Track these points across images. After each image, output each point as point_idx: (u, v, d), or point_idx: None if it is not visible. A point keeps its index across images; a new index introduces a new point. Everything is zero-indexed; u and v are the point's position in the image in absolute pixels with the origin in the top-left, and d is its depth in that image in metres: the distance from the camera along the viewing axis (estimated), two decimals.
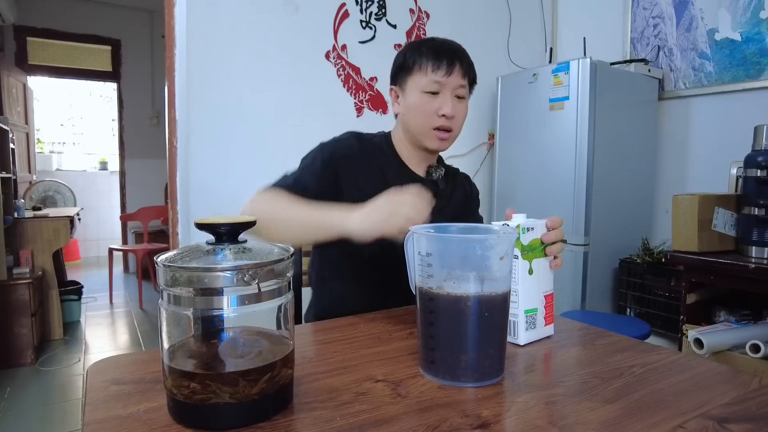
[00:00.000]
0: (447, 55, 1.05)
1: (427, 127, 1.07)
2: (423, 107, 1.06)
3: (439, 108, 1.05)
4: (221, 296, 0.53)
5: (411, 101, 1.08)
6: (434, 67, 1.04)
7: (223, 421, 0.53)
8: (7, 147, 3.24)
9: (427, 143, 1.10)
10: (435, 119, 1.06)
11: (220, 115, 2.11)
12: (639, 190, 2.50)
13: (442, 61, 1.04)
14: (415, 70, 1.06)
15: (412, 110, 1.08)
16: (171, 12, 2.01)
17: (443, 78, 1.04)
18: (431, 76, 1.04)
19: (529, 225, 0.83)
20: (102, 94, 6.49)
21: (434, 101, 1.05)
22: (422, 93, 1.06)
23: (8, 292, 2.70)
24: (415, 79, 1.06)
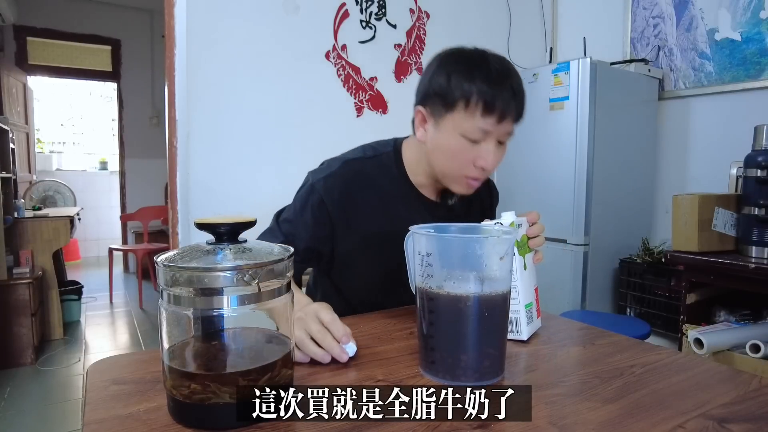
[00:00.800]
0: (504, 98, 0.85)
1: (459, 173, 0.91)
2: (458, 154, 0.89)
3: (478, 158, 0.88)
4: (221, 296, 0.53)
5: (445, 142, 0.89)
6: (484, 113, 0.84)
7: (223, 421, 0.53)
8: (7, 147, 3.24)
9: (453, 187, 0.95)
10: (470, 169, 0.90)
11: (220, 115, 2.11)
12: (639, 190, 2.50)
13: (495, 107, 0.84)
14: (458, 108, 0.86)
15: (444, 153, 0.91)
16: (171, 12, 2.01)
17: (492, 126, 0.86)
18: (478, 123, 0.85)
19: (519, 222, 0.84)
20: (102, 94, 6.49)
21: (473, 149, 0.88)
22: (461, 136, 0.87)
23: (8, 292, 2.70)
24: (457, 119, 0.86)
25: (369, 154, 1.02)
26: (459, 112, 0.86)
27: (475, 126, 0.85)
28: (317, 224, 0.97)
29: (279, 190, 2.23)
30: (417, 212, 1.01)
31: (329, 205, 0.96)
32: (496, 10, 2.87)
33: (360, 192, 0.98)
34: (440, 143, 0.90)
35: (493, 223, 0.80)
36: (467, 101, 0.85)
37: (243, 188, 2.16)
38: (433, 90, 0.89)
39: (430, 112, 0.91)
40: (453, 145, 0.88)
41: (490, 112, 0.84)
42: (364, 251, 1.01)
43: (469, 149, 0.88)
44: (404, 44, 2.55)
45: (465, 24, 2.74)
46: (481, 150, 0.88)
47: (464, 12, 2.74)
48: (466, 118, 0.86)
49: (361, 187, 0.98)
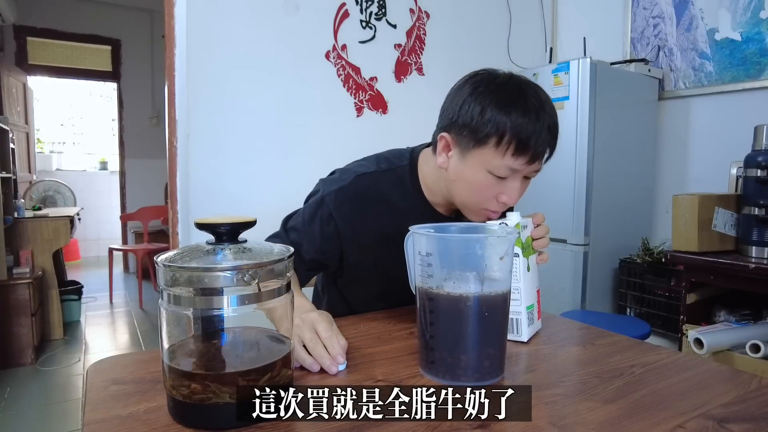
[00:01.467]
0: (538, 139, 0.79)
1: (478, 206, 0.88)
2: (482, 188, 0.84)
3: (501, 194, 0.84)
4: (221, 296, 0.53)
5: (470, 176, 0.84)
6: (516, 153, 0.79)
7: (223, 421, 0.53)
8: (7, 147, 3.24)
9: (471, 217, 0.91)
10: (492, 203, 0.86)
11: (220, 115, 2.11)
12: (639, 190, 2.50)
13: (530, 147, 0.79)
14: (489, 144, 0.80)
15: (467, 185, 0.86)
16: (171, 12, 2.01)
17: (522, 166, 0.81)
18: (508, 162, 0.80)
19: (524, 223, 0.84)
20: (102, 94, 6.49)
21: (498, 186, 0.84)
22: (487, 172, 0.82)
23: (8, 292, 2.70)
24: (486, 155, 0.81)
25: (383, 167, 0.97)
26: (489, 149, 0.80)
27: (505, 164, 0.81)
28: (324, 239, 0.94)
29: (279, 189, 2.24)
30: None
31: (338, 220, 0.93)
32: (496, 10, 2.87)
33: (371, 208, 0.94)
34: (464, 176, 0.85)
35: (497, 223, 0.80)
36: (500, 139, 0.79)
37: (243, 188, 2.15)
38: (462, 120, 0.82)
39: (456, 141, 0.85)
40: (478, 180, 0.84)
41: (522, 153, 0.80)
42: (373, 267, 0.98)
43: (493, 185, 0.84)
44: (404, 44, 2.55)
45: (465, 24, 2.74)
46: (506, 187, 0.84)
47: (464, 12, 2.74)
48: (495, 155, 0.80)
49: (372, 202, 0.94)
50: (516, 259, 0.81)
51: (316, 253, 0.95)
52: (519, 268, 0.81)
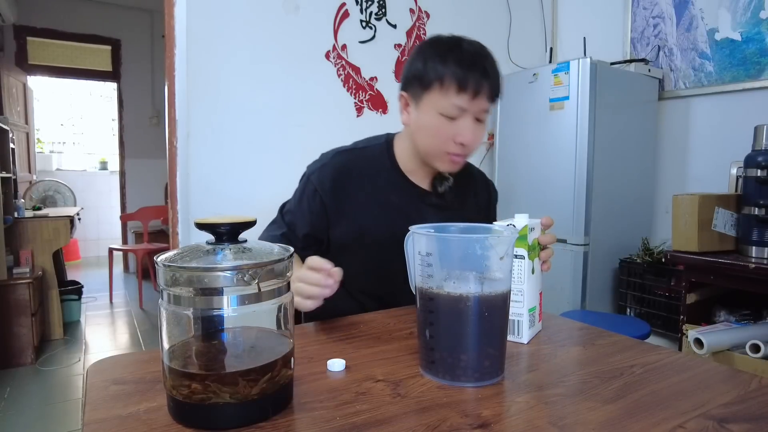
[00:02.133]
0: (475, 76, 0.90)
1: (440, 150, 0.96)
2: (438, 131, 0.94)
3: (457, 134, 0.93)
4: (221, 296, 0.53)
5: (425, 121, 0.95)
6: (458, 90, 0.90)
7: (223, 421, 0.53)
8: (7, 147, 3.24)
9: (438, 166, 1.00)
10: (450, 145, 0.95)
11: (220, 115, 2.11)
12: (639, 190, 2.50)
13: (468, 83, 0.90)
14: (434, 88, 0.92)
15: (425, 131, 0.96)
16: (171, 12, 2.01)
17: (467, 103, 0.91)
18: (453, 100, 0.91)
19: (532, 225, 0.84)
20: (102, 93, 6.49)
21: (452, 126, 0.93)
22: (439, 114, 0.92)
23: (8, 292, 2.70)
24: (433, 98, 0.93)
25: (361, 145, 1.09)
26: (435, 92, 0.92)
27: (451, 103, 0.91)
28: (312, 213, 1.03)
29: (279, 189, 2.23)
30: (409, 200, 1.05)
31: (322, 193, 1.02)
32: (496, 10, 2.87)
33: (352, 181, 1.03)
34: (421, 123, 0.96)
35: (505, 224, 0.80)
36: (442, 80, 0.91)
37: (243, 188, 2.15)
38: (411, 74, 0.96)
39: (410, 95, 0.98)
40: (433, 123, 0.94)
41: (463, 89, 0.90)
42: (358, 238, 1.04)
43: (447, 126, 0.93)
44: (404, 44, 2.55)
45: (465, 24, 2.74)
46: (459, 127, 0.93)
47: (464, 12, 2.74)
48: (442, 96, 0.92)
49: (353, 176, 1.03)
50: (521, 262, 0.81)
51: (308, 227, 1.04)
52: (524, 270, 0.81)
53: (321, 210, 1.03)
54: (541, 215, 0.91)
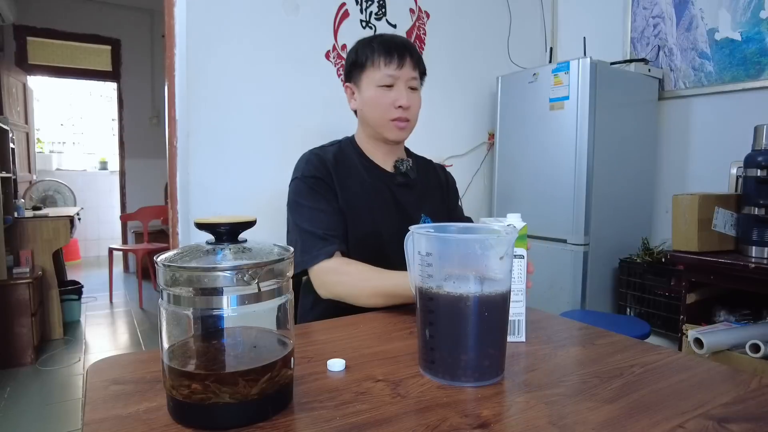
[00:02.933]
0: (397, 49, 1.10)
1: (385, 118, 1.12)
2: (379, 100, 1.11)
3: (396, 100, 1.10)
4: (221, 296, 0.53)
5: (367, 96, 1.13)
6: (386, 62, 1.10)
7: (223, 421, 0.53)
8: (7, 147, 3.24)
9: (387, 134, 1.14)
10: (392, 111, 1.11)
11: (220, 115, 2.11)
12: (639, 190, 2.50)
13: (393, 55, 1.09)
14: (368, 66, 1.12)
15: (369, 104, 1.13)
16: (171, 12, 2.01)
17: (396, 71, 1.10)
18: (384, 71, 1.10)
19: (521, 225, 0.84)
20: (102, 93, 6.49)
21: (389, 93, 1.11)
22: (377, 87, 1.11)
23: (8, 292, 2.70)
24: (369, 74, 1.12)
25: (327, 144, 1.22)
26: (369, 69, 1.12)
27: (383, 73, 1.10)
28: (330, 200, 1.10)
29: (279, 189, 2.23)
30: (379, 181, 1.18)
31: (322, 176, 1.11)
32: (496, 10, 2.87)
33: (332, 163, 1.14)
34: (365, 100, 1.14)
35: (505, 224, 0.79)
36: (373, 59, 1.11)
37: (243, 188, 2.15)
38: (349, 65, 1.17)
39: (353, 82, 1.17)
40: (373, 96, 1.12)
41: (390, 60, 1.09)
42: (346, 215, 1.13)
43: (386, 95, 1.11)
44: None
45: (465, 24, 2.74)
46: (396, 92, 1.10)
47: (464, 12, 2.74)
48: (374, 71, 1.11)
49: (331, 161, 1.15)
50: (521, 261, 0.81)
51: (330, 204, 1.10)
52: (523, 270, 0.81)
53: (333, 192, 1.11)
54: (542, 215, 0.92)
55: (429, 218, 1.19)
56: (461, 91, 2.77)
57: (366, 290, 0.99)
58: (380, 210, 1.15)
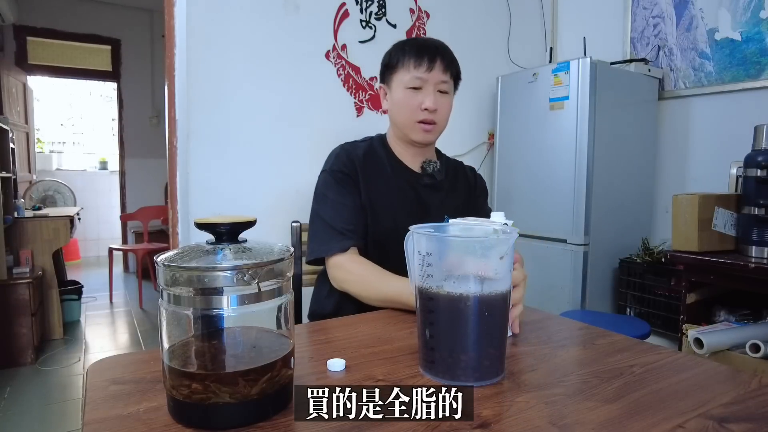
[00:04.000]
0: (428, 51, 1.11)
1: (411, 120, 1.13)
2: (406, 102, 1.12)
3: (422, 102, 1.11)
4: (221, 296, 0.53)
5: (396, 97, 1.14)
6: (416, 64, 1.11)
7: (223, 421, 0.53)
8: (7, 147, 3.24)
9: (413, 136, 1.15)
10: (418, 113, 1.12)
11: (220, 115, 2.11)
12: (639, 190, 2.50)
13: (423, 57, 1.10)
14: (399, 68, 1.13)
15: (397, 105, 1.15)
16: (171, 12, 2.01)
17: (425, 74, 1.10)
18: (413, 73, 1.11)
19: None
20: (102, 93, 6.49)
21: (417, 96, 1.12)
22: (406, 89, 1.12)
23: (8, 292, 2.70)
24: (399, 76, 1.13)
25: (360, 141, 1.25)
26: (399, 71, 1.13)
27: (412, 76, 1.11)
28: (349, 186, 1.13)
29: (279, 189, 2.24)
30: (404, 180, 1.19)
31: (348, 171, 1.14)
32: (496, 10, 2.87)
33: (360, 161, 1.16)
34: (395, 101, 1.15)
35: (501, 223, 0.79)
36: (403, 61, 1.12)
37: (243, 188, 2.15)
38: (383, 66, 1.19)
39: (385, 84, 1.19)
40: (402, 97, 1.13)
41: (420, 63, 1.10)
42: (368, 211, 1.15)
43: (414, 97, 1.12)
44: None
45: (465, 24, 2.74)
46: (424, 95, 1.11)
47: (464, 12, 2.74)
48: (404, 72, 1.12)
49: (359, 158, 1.17)
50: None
51: (354, 200, 1.12)
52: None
53: (353, 183, 1.14)
54: (541, 215, 0.92)
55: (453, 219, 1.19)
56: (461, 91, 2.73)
57: (369, 293, 1.03)
58: (403, 209, 1.16)
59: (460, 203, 1.24)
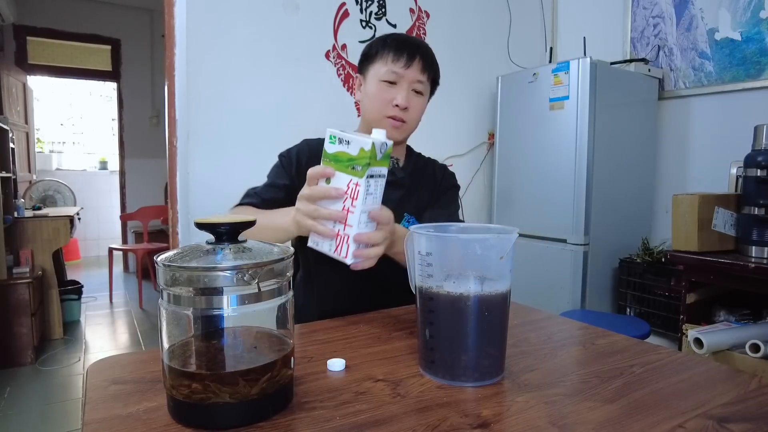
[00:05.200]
0: (408, 48, 1.08)
1: (380, 114, 1.10)
2: (379, 95, 1.09)
3: (394, 98, 1.08)
4: (221, 296, 0.53)
5: (369, 89, 1.12)
6: (394, 58, 1.08)
7: (223, 421, 0.53)
8: (7, 147, 3.24)
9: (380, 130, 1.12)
10: (389, 108, 1.09)
11: (220, 115, 2.11)
12: (639, 190, 2.50)
13: (403, 53, 1.08)
14: (376, 59, 1.10)
15: (368, 97, 1.12)
16: (171, 12, 2.01)
17: (401, 69, 1.08)
18: (390, 66, 1.08)
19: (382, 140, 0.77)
20: (102, 93, 6.49)
21: (390, 90, 1.09)
22: (380, 82, 1.09)
23: (8, 292, 2.70)
24: (376, 67, 1.10)
25: (313, 140, 1.23)
26: (377, 62, 1.10)
27: (389, 69, 1.08)
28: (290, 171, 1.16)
29: None
30: None
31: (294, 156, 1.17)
32: (496, 10, 2.87)
33: (312, 153, 1.15)
34: (367, 92, 1.12)
35: (370, 139, 0.75)
36: (382, 53, 1.09)
37: (243, 188, 2.14)
38: (361, 56, 1.15)
39: (362, 75, 1.15)
40: (375, 89, 1.10)
41: (398, 57, 1.07)
42: None
43: (387, 91, 1.09)
44: None
45: (465, 24, 2.74)
46: (397, 91, 1.08)
47: (464, 12, 2.74)
48: (381, 64, 1.09)
49: (313, 149, 1.16)
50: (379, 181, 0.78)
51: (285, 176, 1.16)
52: (361, 191, 0.75)
53: (298, 172, 1.14)
54: (541, 215, 0.92)
55: (414, 217, 1.17)
56: (461, 91, 2.77)
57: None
58: None
59: (422, 201, 1.20)
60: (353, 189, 0.76)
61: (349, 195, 0.77)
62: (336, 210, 0.78)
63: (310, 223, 0.80)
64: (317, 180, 0.80)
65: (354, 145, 0.77)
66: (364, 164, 0.75)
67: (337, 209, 0.78)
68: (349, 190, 0.77)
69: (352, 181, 0.76)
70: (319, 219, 0.79)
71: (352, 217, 0.77)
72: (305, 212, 0.80)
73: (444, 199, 1.24)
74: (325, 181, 0.79)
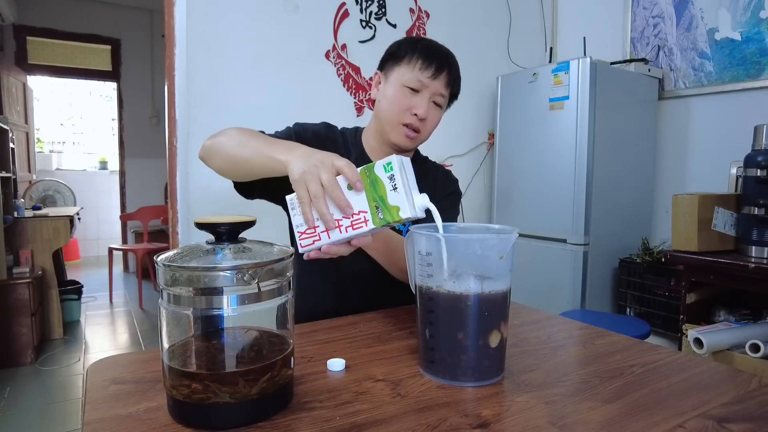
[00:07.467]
0: (438, 58, 1.05)
1: (397, 120, 1.07)
2: (399, 100, 1.06)
3: (414, 106, 1.05)
4: (221, 296, 0.53)
5: (390, 91, 1.08)
6: (423, 66, 1.04)
7: (223, 421, 0.53)
8: (7, 146, 3.24)
9: (393, 137, 1.09)
10: (406, 116, 1.06)
11: (220, 114, 2.11)
12: (639, 190, 2.50)
13: (432, 62, 1.04)
14: (403, 62, 1.06)
15: (387, 99, 1.08)
16: (171, 12, 2.01)
17: (427, 79, 1.04)
18: (416, 74, 1.04)
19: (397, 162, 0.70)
20: (102, 93, 6.49)
21: (411, 98, 1.05)
22: (403, 86, 1.06)
23: (8, 292, 2.70)
24: (401, 70, 1.06)
25: (338, 128, 1.22)
26: (403, 65, 1.06)
27: (414, 77, 1.04)
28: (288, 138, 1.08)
29: None
30: None
31: (304, 133, 1.14)
32: (496, 10, 2.87)
33: (325, 143, 1.13)
34: (386, 93, 1.08)
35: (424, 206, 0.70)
36: (411, 57, 1.05)
37: None
38: (387, 54, 1.11)
39: (383, 72, 1.11)
40: (395, 93, 1.06)
41: (427, 65, 1.04)
42: None
43: (407, 98, 1.05)
44: None
45: (465, 24, 2.74)
46: (417, 101, 1.05)
47: (464, 12, 2.74)
48: (407, 69, 1.05)
49: (326, 141, 1.14)
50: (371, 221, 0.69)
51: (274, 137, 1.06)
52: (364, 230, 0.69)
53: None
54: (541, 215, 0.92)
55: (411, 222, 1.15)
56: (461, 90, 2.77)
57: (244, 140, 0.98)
58: None
59: None
60: (360, 221, 0.69)
61: (352, 221, 0.70)
62: (330, 215, 0.70)
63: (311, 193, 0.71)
64: (339, 174, 0.71)
65: (396, 197, 0.68)
66: (387, 218, 0.68)
67: (334, 211, 0.70)
68: (356, 218, 0.69)
69: (365, 216, 0.69)
70: (316, 200, 0.70)
71: (337, 234, 0.70)
72: (312, 190, 0.70)
73: (447, 208, 1.19)
74: (346, 185, 0.70)
